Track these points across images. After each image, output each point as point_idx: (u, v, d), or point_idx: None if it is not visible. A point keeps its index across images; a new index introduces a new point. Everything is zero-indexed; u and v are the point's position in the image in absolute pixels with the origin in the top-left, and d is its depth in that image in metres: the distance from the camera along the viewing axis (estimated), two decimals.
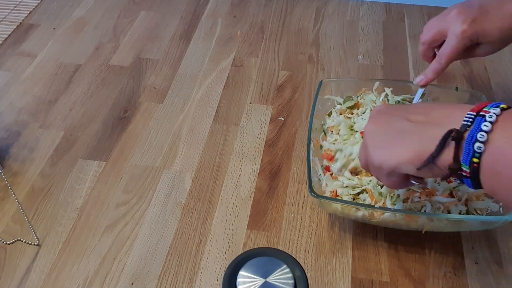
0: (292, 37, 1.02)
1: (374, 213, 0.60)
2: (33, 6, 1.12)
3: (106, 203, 0.70)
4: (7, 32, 1.03)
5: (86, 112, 0.85)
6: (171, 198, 0.71)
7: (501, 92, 0.88)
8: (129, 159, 0.77)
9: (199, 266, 0.63)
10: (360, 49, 0.98)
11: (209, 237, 0.66)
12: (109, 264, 0.63)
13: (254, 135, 0.80)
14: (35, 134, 0.81)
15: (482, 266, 0.63)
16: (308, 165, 0.64)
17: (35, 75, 0.93)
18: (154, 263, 0.63)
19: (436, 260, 0.63)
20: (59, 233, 0.67)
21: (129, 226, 0.68)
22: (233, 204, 0.70)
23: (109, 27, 1.05)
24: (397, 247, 0.65)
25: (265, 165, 0.76)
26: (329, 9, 1.10)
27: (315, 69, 0.94)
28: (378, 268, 0.63)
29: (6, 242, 0.66)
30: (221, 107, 0.86)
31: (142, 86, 0.90)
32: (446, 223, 0.59)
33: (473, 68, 0.94)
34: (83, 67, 0.95)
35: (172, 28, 1.05)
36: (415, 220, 0.59)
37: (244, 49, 0.99)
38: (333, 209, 0.62)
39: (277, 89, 0.89)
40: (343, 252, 0.64)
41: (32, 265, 0.63)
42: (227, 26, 1.05)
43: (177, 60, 0.96)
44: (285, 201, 0.71)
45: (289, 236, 0.66)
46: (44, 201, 0.71)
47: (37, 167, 0.75)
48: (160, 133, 0.81)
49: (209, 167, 0.75)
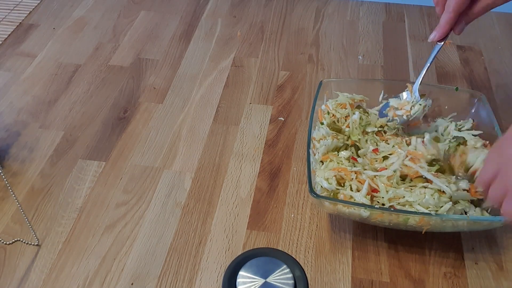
0: (292, 37, 1.02)
1: (373, 213, 0.60)
2: (33, 6, 1.12)
3: (106, 203, 0.70)
4: (7, 32, 1.03)
5: (86, 112, 0.85)
6: (171, 198, 0.71)
7: (501, 93, 0.88)
8: (129, 159, 0.77)
9: (199, 266, 0.63)
10: (360, 49, 0.98)
11: (209, 237, 0.66)
12: (109, 264, 0.63)
13: (254, 135, 0.80)
14: (35, 134, 0.81)
15: (482, 267, 0.63)
16: (308, 165, 0.64)
17: (35, 75, 0.93)
18: (154, 263, 0.63)
19: (436, 260, 0.63)
20: (58, 233, 0.67)
21: (129, 226, 0.67)
22: (233, 204, 0.70)
23: (109, 27, 1.05)
24: (397, 247, 0.65)
25: (265, 165, 0.76)
26: (329, 9, 1.10)
27: (315, 69, 0.94)
28: (378, 268, 0.63)
29: (6, 242, 0.66)
30: (221, 107, 0.86)
31: (142, 86, 0.90)
32: (447, 223, 0.59)
33: (473, 68, 0.94)
34: (83, 67, 0.95)
35: (172, 28, 1.05)
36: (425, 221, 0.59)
37: (244, 49, 0.99)
38: (333, 209, 0.62)
39: (277, 89, 0.89)
40: (343, 252, 0.64)
41: (31, 265, 0.63)
42: (227, 26, 1.05)
43: (177, 60, 0.96)
44: (285, 201, 0.71)
45: (289, 237, 0.66)
46: (44, 201, 0.71)
47: (37, 167, 0.75)
48: (160, 133, 0.81)
49: (209, 167, 0.75)
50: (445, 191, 0.61)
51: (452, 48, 0.99)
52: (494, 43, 1.00)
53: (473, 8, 0.64)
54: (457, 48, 0.99)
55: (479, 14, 0.64)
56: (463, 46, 0.99)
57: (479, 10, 0.63)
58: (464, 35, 1.02)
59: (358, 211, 0.60)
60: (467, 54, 0.97)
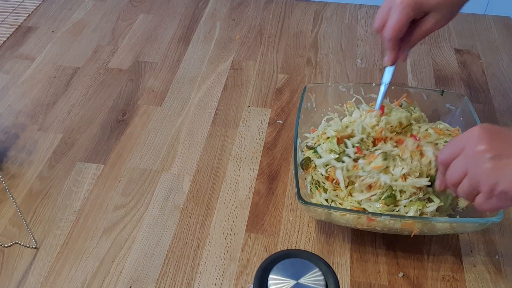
0: (290, 40, 1.02)
1: (361, 220, 0.60)
2: (32, 8, 1.12)
3: (104, 206, 0.70)
4: (6, 34, 1.03)
5: (85, 115, 0.85)
6: (169, 201, 0.71)
7: (498, 96, 0.88)
8: (128, 162, 0.77)
9: (197, 269, 0.63)
10: (358, 53, 0.99)
11: (208, 240, 0.66)
12: (107, 267, 0.63)
13: (252, 138, 0.81)
14: (33, 137, 0.81)
15: (480, 269, 0.63)
16: (295, 171, 0.63)
17: (33, 77, 0.93)
18: (152, 266, 0.63)
19: (435, 263, 0.63)
20: (57, 236, 0.67)
21: (127, 229, 0.67)
22: (232, 207, 0.70)
23: (108, 30, 1.05)
24: (396, 250, 0.65)
25: (263, 168, 0.76)
26: (328, 12, 1.10)
27: (314, 72, 0.94)
28: (376, 271, 0.63)
29: (4, 245, 0.66)
30: (219, 110, 0.86)
31: (141, 89, 0.90)
32: (436, 226, 0.60)
33: (471, 72, 0.94)
34: (81, 70, 0.95)
35: (170, 31, 1.05)
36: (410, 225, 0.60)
37: (243, 52, 0.99)
38: (320, 215, 0.63)
39: (276, 92, 0.89)
40: (341, 255, 0.64)
41: (30, 268, 0.63)
42: (225, 29, 1.05)
43: (175, 63, 0.96)
44: (283, 204, 0.71)
45: (288, 239, 0.66)
46: (42, 204, 0.71)
47: (35, 169, 0.75)
48: (159, 136, 0.81)
49: (208, 170, 0.75)
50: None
51: (450, 51, 0.99)
52: (491, 46, 1.00)
53: (413, 34, 0.64)
54: (455, 52, 0.99)
55: (419, 39, 0.65)
56: (461, 50, 0.99)
57: (419, 35, 0.64)
58: (461, 39, 1.02)
59: (342, 217, 0.60)
60: (465, 58, 0.97)
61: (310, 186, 0.67)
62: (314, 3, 1.13)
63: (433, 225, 0.60)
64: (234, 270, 0.63)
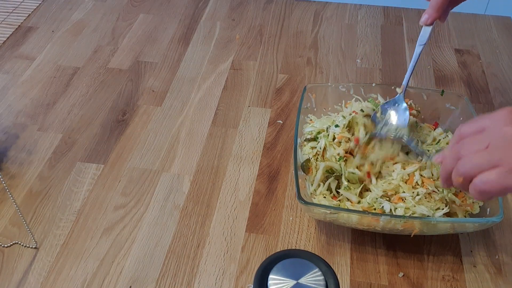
0: (290, 40, 1.02)
1: (364, 219, 0.60)
2: (32, 8, 1.12)
3: (104, 206, 0.70)
4: (6, 34, 1.03)
5: (85, 115, 0.85)
6: (169, 201, 0.71)
7: (499, 96, 0.88)
8: (128, 162, 0.77)
9: (197, 269, 0.63)
10: (359, 53, 0.99)
11: (208, 240, 0.66)
12: (107, 267, 0.63)
13: (252, 138, 0.81)
14: (33, 137, 0.81)
15: (481, 270, 0.63)
16: (295, 172, 0.63)
17: (33, 77, 0.93)
18: (152, 266, 0.63)
19: (435, 263, 0.63)
20: (57, 236, 0.67)
21: (127, 229, 0.67)
22: (232, 207, 0.70)
23: (108, 30, 1.05)
24: (396, 250, 0.65)
25: (263, 168, 0.76)
26: (328, 12, 1.10)
27: (314, 72, 0.94)
28: (376, 271, 0.63)
29: (4, 245, 0.66)
30: (219, 110, 0.86)
31: (141, 89, 0.90)
32: (436, 226, 0.60)
33: (471, 72, 0.94)
34: (81, 70, 0.95)
35: (170, 31, 1.05)
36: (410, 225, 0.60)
37: (243, 52, 0.99)
38: (320, 215, 0.63)
39: (276, 92, 0.89)
40: (341, 255, 0.64)
41: (30, 268, 0.63)
42: (225, 29, 1.05)
43: (175, 63, 0.96)
44: (283, 204, 0.71)
45: (288, 239, 0.66)
46: (42, 204, 0.71)
47: (35, 169, 0.75)
48: (159, 136, 0.81)
49: (208, 170, 0.75)
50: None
51: (450, 51, 0.99)
52: (491, 46, 1.00)
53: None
54: (455, 52, 0.99)
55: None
56: (461, 50, 1.00)
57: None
58: (461, 39, 1.02)
59: (342, 217, 0.61)
60: (465, 58, 0.97)
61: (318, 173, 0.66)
62: (314, 3, 1.13)
63: (434, 225, 0.60)
64: (234, 270, 0.63)
